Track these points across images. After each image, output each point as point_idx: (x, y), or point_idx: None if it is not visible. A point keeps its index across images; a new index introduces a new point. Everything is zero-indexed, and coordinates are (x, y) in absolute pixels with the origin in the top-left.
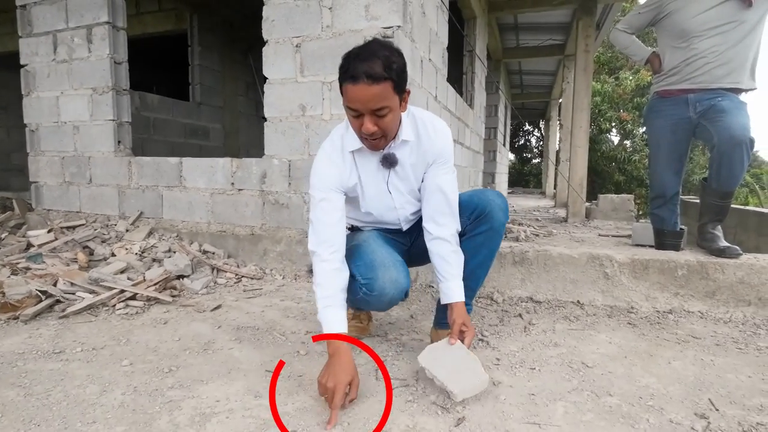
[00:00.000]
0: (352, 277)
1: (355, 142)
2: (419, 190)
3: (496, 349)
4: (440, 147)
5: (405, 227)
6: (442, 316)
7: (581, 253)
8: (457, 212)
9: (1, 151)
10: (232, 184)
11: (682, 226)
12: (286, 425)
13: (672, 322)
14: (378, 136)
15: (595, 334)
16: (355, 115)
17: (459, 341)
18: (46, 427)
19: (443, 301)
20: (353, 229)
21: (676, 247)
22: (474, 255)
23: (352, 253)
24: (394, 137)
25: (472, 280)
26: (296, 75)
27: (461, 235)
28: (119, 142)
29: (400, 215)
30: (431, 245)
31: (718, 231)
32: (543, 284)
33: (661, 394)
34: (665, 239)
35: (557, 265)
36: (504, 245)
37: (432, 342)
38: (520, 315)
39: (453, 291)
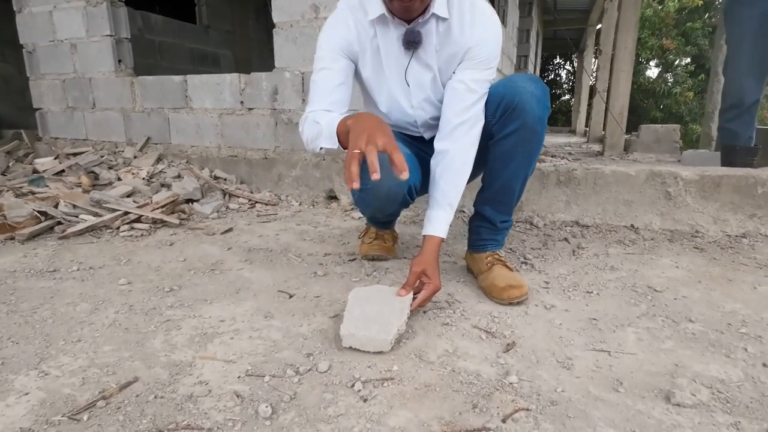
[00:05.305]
0: None
1: (377, 8)
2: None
3: (543, 273)
4: (479, 36)
5: (427, 135)
6: (475, 238)
7: (639, 170)
8: (478, 119)
9: (13, 89)
10: (242, 102)
11: (758, 145)
12: (300, 348)
13: (747, 246)
14: None
15: (657, 259)
16: None
17: (409, 295)
18: (24, 344)
19: (422, 232)
20: None
21: (749, 167)
22: (506, 163)
23: None
24: (424, 11)
25: (506, 194)
26: None
27: (488, 138)
28: (120, 61)
29: (417, 116)
30: (431, 160)
31: None
32: (591, 207)
33: (754, 321)
34: (737, 157)
35: (609, 185)
36: (547, 164)
37: (467, 266)
38: (565, 239)
39: (430, 222)
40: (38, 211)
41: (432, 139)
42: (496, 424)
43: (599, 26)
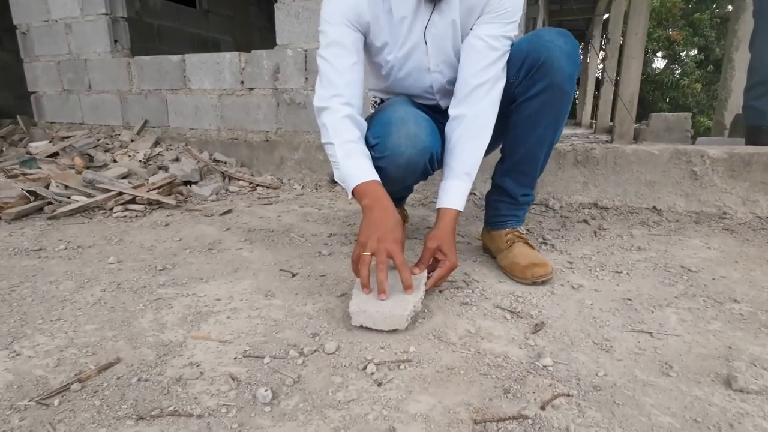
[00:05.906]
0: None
1: None
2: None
3: (566, 253)
4: None
5: (443, 103)
6: (494, 214)
7: (663, 148)
8: (498, 78)
9: (13, 76)
10: (242, 82)
11: None
12: (305, 327)
13: None
14: None
15: (686, 240)
16: None
17: (424, 273)
18: None
19: (437, 205)
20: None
21: None
22: (530, 128)
23: (370, 120)
24: None
25: (529, 163)
26: None
27: (510, 102)
28: (116, 41)
29: (434, 80)
30: (446, 127)
31: None
32: (610, 188)
33: None
34: (763, 138)
35: (631, 164)
36: (563, 144)
37: (483, 245)
38: (585, 221)
39: (445, 193)
40: (28, 191)
41: (448, 108)
42: (535, 412)
43: (606, 16)
